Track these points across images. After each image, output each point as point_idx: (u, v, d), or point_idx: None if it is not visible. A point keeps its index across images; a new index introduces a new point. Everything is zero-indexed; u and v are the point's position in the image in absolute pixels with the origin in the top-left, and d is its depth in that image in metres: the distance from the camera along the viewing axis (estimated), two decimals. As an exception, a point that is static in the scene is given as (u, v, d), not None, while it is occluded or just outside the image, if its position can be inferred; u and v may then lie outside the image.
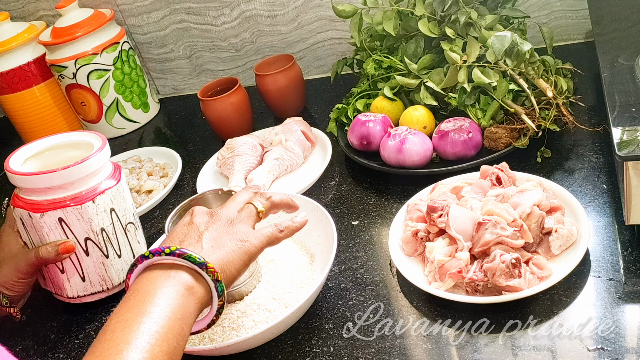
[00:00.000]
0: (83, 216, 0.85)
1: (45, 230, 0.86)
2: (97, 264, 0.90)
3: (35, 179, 0.83)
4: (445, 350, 0.71)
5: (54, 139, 0.93)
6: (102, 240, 0.88)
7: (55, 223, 0.85)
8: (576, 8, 1.24)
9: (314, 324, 0.80)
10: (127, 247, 0.91)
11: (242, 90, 1.25)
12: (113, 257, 0.90)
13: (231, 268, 0.66)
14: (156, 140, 1.43)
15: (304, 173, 1.13)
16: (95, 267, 0.90)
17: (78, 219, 0.85)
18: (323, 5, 1.35)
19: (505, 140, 0.97)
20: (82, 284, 0.91)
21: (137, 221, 0.95)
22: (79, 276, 0.90)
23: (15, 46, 1.40)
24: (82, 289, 0.91)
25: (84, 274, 0.90)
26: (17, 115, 1.48)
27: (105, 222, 0.88)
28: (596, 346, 0.67)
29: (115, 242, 0.90)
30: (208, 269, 0.63)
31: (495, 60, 0.98)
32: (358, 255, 0.89)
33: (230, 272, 0.66)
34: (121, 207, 0.89)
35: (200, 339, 0.79)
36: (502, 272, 0.72)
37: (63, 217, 0.85)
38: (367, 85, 1.17)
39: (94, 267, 0.90)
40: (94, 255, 0.89)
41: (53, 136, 0.94)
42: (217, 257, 0.65)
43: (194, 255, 0.63)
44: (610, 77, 0.83)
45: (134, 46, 1.53)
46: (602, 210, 0.84)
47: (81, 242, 0.87)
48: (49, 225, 0.85)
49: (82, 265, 0.89)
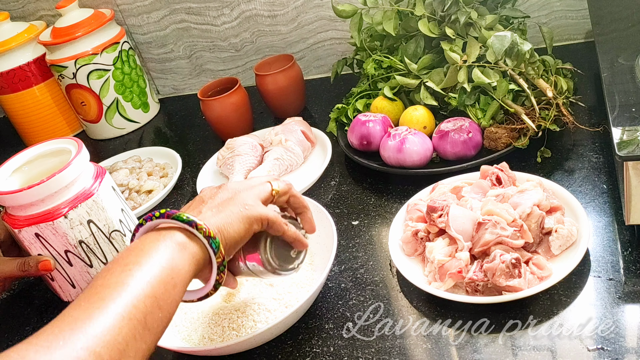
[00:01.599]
0: (57, 231, 0.85)
1: (26, 244, 0.87)
2: (82, 273, 0.90)
3: (6, 198, 0.84)
4: (445, 350, 0.71)
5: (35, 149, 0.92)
6: (83, 251, 0.88)
7: (33, 237, 0.86)
8: (576, 8, 1.24)
9: (314, 324, 0.80)
10: (114, 254, 0.91)
11: (242, 90, 1.25)
12: (98, 265, 0.90)
13: (230, 229, 0.66)
14: (156, 140, 1.43)
15: (304, 173, 1.13)
16: (81, 275, 0.90)
17: (53, 234, 0.86)
18: (323, 5, 1.35)
19: (505, 140, 0.97)
20: (73, 290, 0.92)
21: (125, 226, 0.93)
22: (69, 283, 0.91)
23: (15, 46, 1.40)
24: (75, 294, 0.92)
25: (72, 281, 0.91)
26: (17, 115, 1.48)
27: (83, 235, 0.87)
28: (596, 346, 0.67)
29: (99, 252, 0.90)
30: (198, 226, 0.63)
31: (495, 60, 0.98)
32: (358, 255, 0.89)
33: (228, 232, 0.65)
34: (101, 217, 0.88)
35: (200, 339, 0.79)
36: (502, 272, 0.72)
37: (39, 232, 0.85)
38: (367, 85, 1.17)
39: (80, 276, 0.90)
40: (77, 265, 0.89)
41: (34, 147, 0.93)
42: (216, 219, 0.65)
43: (183, 215, 0.63)
44: (610, 77, 0.83)
45: (134, 46, 1.53)
46: (602, 210, 0.84)
47: (62, 254, 0.88)
48: (28, 239, 0.86)
49: (69, 274, 0.90)
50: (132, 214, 0.97)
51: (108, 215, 0.89)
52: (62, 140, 0.92)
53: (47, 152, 0.92)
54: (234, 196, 0.69)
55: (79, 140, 0.90)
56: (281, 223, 0.71)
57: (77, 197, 0.86)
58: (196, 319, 0.81)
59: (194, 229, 0.63)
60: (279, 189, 0.73)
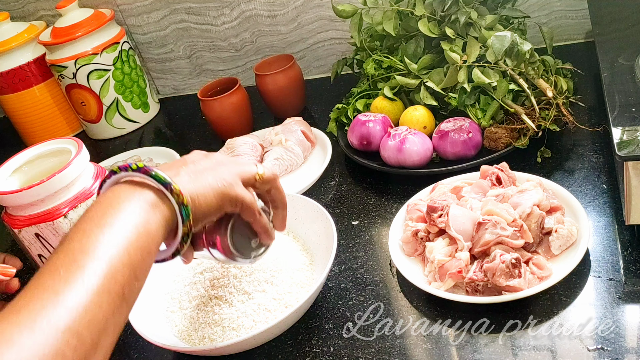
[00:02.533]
0: (57, 231, 0.85)
1: (26, 244, 0.87)
2: None
3: (6, 198, 0.84)
4: (445, 350, 0.71)
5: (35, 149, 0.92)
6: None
7: (33, 237, 0.85)
8: (576, 8, 1.24)
9: (314, 324, 0.80)
10: None
11: (242, 90, 1.25)
12: None
13: (202, 201, 0.62)
14: (156, 140, 1.43)
15: (304, 173, 1.13)
16: None
17: (53, 234, 0.85)
18: (323, 5, 1.35)
19: (505, 140, 0.97)
20: None
21: None
22: None
23: (15, 46, 1.40)
24: None
25: None
26: (17, 115, 1.48)
27: None
28: (596, 346, 0.67)
29: None
30: (173, 190, 0.60)
31: (495, 60, 0.98)
32: (358, 255, 0.89)
33: (199, 203, 0.62)
34: None
35: (200, 339, 0.79)
36: (502, 272, 0.72)
37: (39, 232, 0.85)
38: (367, 85, 1.17)
39: None
40: None
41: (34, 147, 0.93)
42: (192, 186, 0.62)
43: (160, 174, 0.60)
44: (610, 77, 0.83)
45: (134, 46, 1.53)
46: (602, 210, 0.84)
47: None
48: (28, 239, 0.86)
49: None
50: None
51: None
52: (62, 140, 0.92)
53: (47, 152, 0.92)
54: (215, 167, 0.66)
55: (79, 140, 0.90)
56: (254, 211, 0.68)
57: (77, 197, 0.86)
58: (196, 318, 0.81)
59: (167, 192, 0.60)
60: (263, 175, 0.69)
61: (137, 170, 0.60)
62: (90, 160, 0.91)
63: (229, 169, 0.67)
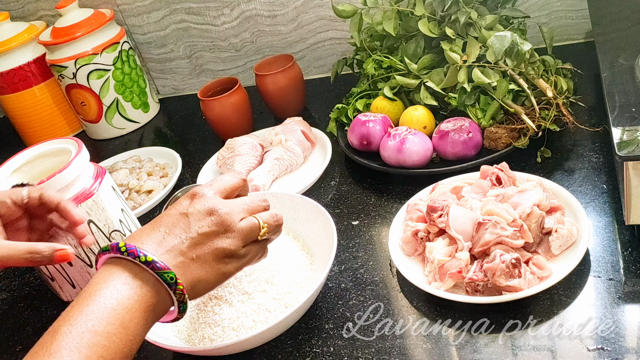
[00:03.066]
0: None
1: None
2: (82, 273, 0.90)
3: None
4: (445, 350, 0.71)
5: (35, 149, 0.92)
6: (83, 251, 0.88)
7: None
8: (576, 8, 1.24)
9: (314, 324, 0.80)
10: None
11: (242, 90, 1.25)
12: None
13: (201, 288, 0.63)
14: (156, 140, 1.43)
15: (304, 173, 1.13)
16: (81, 275, 0.90)
17: None
18: (323, 5, 1.35)
19: (505, 140, 0.97)
20: (73, 290, 0.92)
21: (125, 227, 0.92)
22: (69, 283, 0.91)
23: (15, 46, 1.40)
24: (75, 293, 0.92)
25: (73, 281, 0.91)
26: (17, 115, 1.48)
27: None
28: (596, 346, 0.67)
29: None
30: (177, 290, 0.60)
31: (495, 60, 0.98)
32: (358, 255, 0.89)
33: (199, 290, 0.63)
34: (101, 217, 0.88)
35: (200, 339, 0.79)
36: (502, 272, 0.72)
37: None
38: (367, 85, 1.17)
39: (80, 276, 0.90)
40: (78, 265, 0.89)
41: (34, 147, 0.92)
42: (193, 274, 0.62)
43: (165, 274, 0.59)
44: (610, 77, 0.83)
45: (134, 46, 1.53)
46: (602, 210, 0.84)
47: None
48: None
49: (69, 274, 0.90)
50: (132, 214, 0.97)
51: (108, 215, 0.89)
52: (62, 140, 0.92)
53: (47, 152, 0.92)
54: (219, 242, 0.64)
55: (79, 140, 0.90)
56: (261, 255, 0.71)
57: (77, 197, 0.86)
58: (196, 318, 0.81)
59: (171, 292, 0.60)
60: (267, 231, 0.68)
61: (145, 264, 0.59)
62: (90, 160, 0.91)
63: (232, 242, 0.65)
